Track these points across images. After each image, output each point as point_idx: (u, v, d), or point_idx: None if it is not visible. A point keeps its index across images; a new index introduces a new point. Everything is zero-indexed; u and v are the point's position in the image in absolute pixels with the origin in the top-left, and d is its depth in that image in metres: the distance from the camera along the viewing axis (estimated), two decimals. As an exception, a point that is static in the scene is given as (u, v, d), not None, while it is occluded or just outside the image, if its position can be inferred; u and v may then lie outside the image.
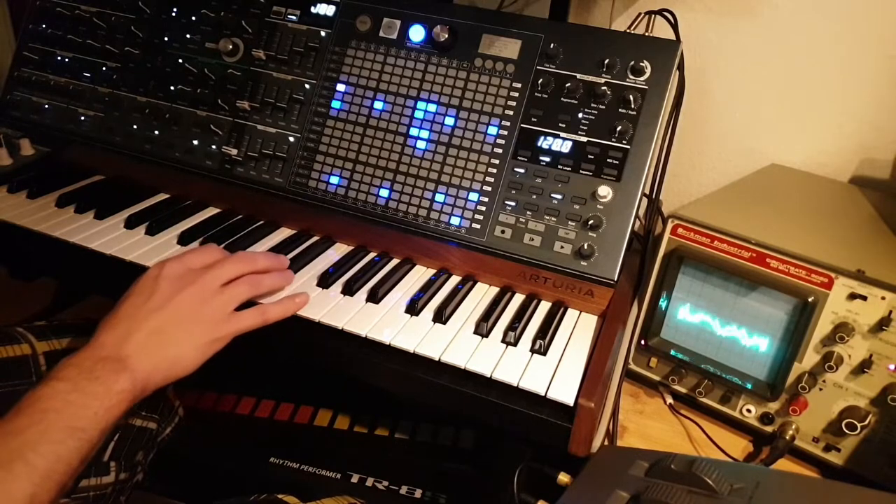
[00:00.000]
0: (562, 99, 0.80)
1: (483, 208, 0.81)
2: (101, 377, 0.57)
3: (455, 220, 0.82)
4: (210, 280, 0.68)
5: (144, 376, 0.60)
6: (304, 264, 0.80)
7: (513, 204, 0.80)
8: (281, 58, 0.90)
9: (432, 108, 0.84)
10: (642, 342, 0.79)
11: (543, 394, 0.64)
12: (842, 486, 0.54)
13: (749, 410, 0.74)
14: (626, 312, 0.76)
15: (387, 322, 0.72)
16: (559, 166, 0.80)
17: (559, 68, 0.81)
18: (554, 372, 0.66)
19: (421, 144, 0.84)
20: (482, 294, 0.79)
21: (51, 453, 0.52)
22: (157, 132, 0.95)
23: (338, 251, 0.85)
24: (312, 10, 0.90)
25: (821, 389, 0.69)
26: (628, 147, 0.78)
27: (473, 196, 0.82)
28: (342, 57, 0.88)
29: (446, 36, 0.83)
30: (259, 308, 0.70)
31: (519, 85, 0.82)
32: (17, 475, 0.50)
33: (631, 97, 0.77)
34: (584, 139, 0.79)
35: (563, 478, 0.65)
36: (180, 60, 0.95)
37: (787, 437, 0.71)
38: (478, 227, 0.81)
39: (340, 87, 0.88)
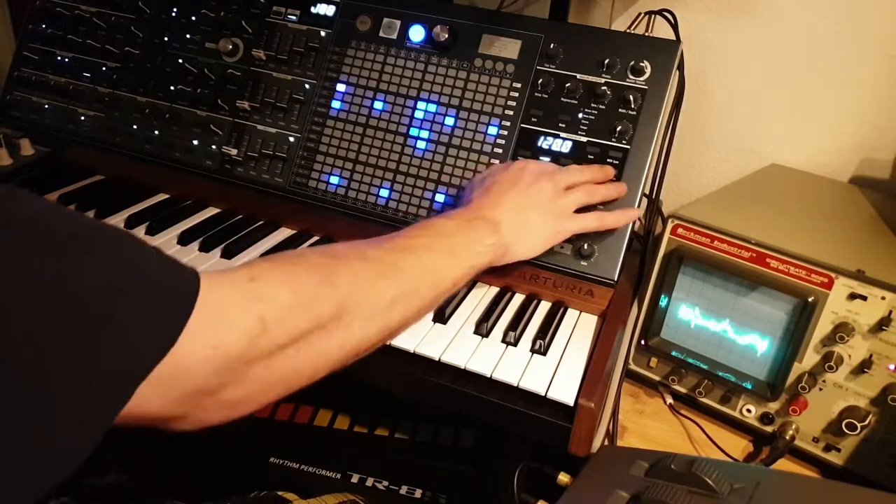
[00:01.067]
0: (562, 99, 0.80)
1: (483, 208, 0.81)
2: (477, 228, 0.68)
3: (455, 220, 0.82)
4: (560, 180, 0.75)
5: (506, 243, 0.70)
6: (304, 264, 0.80)
7: (513, 204, 0.80)
8: (281, 58, 0.90)
9: (432, 108, 0.84)
10: (642, 342, 0.79)
11: (543, 394, 0.64)
12: (842, 486, 0.55)
13: (749, 410, 0.74)
14: (626, 312, 0.76)
15: (387, 322, 0.72)
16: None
17: (559, 68, 0.81)
18: (554, 372, 0.66)
19: (421, 144, 0.84)
20: (482, 294, 0.79)
21: (436, 259, 0.62)
22: (157, 132, 0.95)
23: (338, 251, 0.85)
24: (312, 10, 0.90)
25: (821, 389, 0.69)
26: (628, 147, 0.78)
27: (473, 196, 0.82)
28: (342, 57, 0.88)
29: (446, 36, 0.83)
30: (597, 213, 0.77)
31: (519, 85, 0.82)
32: (410, 260, 0.59)
33: (631, 97, 0.77)
34: (584, 139, 0.79)
35: (563, 478, 0.65)
36: (180, 60, 0.95)
37: (787, 437, 0.70)
38: (478, 227, 0.81)
39: (340, 87, 0.88)
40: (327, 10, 0.89)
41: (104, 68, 0.98)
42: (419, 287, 0.59)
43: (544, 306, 0.78)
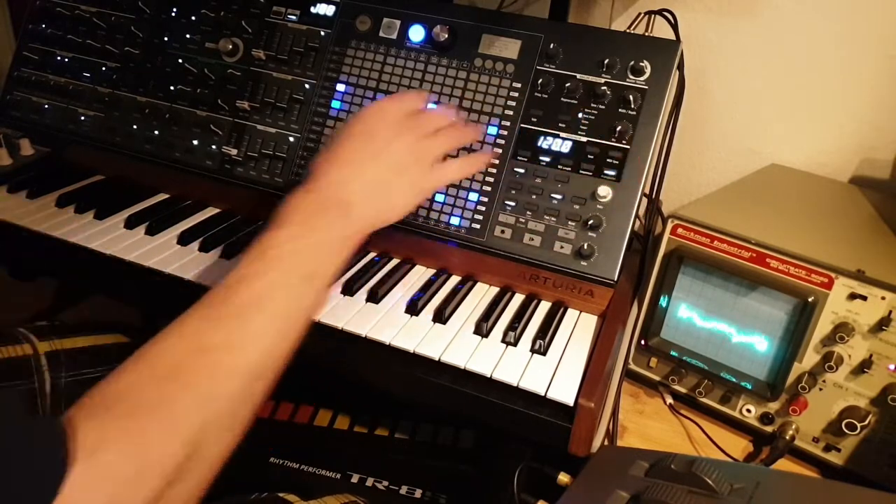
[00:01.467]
0: (562, 99, 0.80)
1: (483, 208, 0.81)
2: (333, 222, 0.58)
3: (455, 220, 0.82)
4: (425, 124, 0.68)
5: (364, 220, 0.62)
6: (304, 264, 0.80)
7: (512, 204, 0.80)
8: (281, 58, 0.90)
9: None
10: (642, 342, 0.79)
11: (543, 394, 0.64)
12: (842, 486, 0.55)
13: (749, 410, 0.74)
14: (626, 312, 0.76)
15: (387, 322, 0.72)
16: (559, 166, 0.80)
17: (559, 68, 0.81)
18: (554, 372, 0.66)
19: (421, 144, 0.84)
20: (482, 294, 0.79)
21: (285, 300, 0.52)
22: (157, 132, 0.95)
23: (338, 251, 0.85)
24: (312, 10, 0.90)
25: (821, 389, 0.69)
26: (628, 147, 0.78)
27: (473, 196, 0.82)
28: (342, 57, 0.88)
29: (446, 36, 0.83)
30: (460, 161, 0.73)
31: (519, 85, 0.82)
32: (254, 321, 0.50)
33: (631, 97, 0.77)
34: (584, 139, 0.79)
35: (563, 478, 0.65)
36: (180, 60, 0.95)
37: (787, 437, 0.71)
38: (477, 227, 0.81)
39: (340, 87, 0.88)
40: (327, 10, 0.89)
41: (104, 68, 0.98)
42: (284, 339, 0.51)
43: (544, 306, 0.78)
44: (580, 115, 0.79)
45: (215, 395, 0.46)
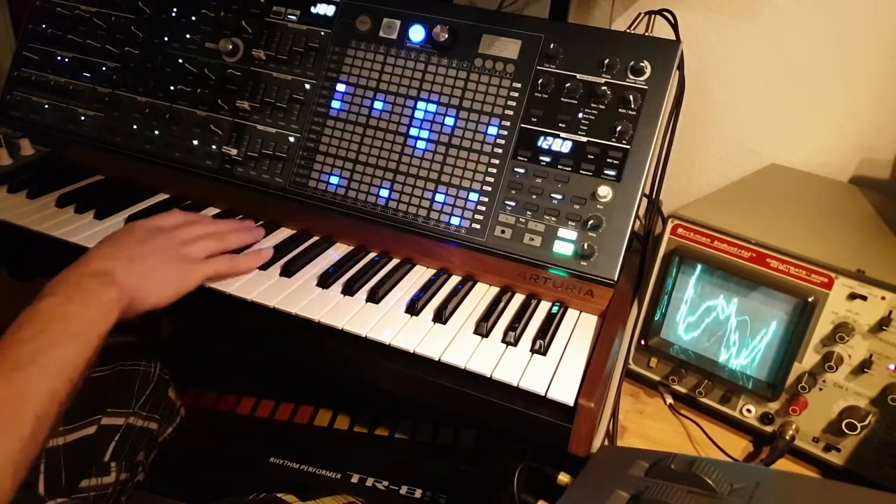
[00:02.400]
0: (562, 99, 0.80)
1: (483, 208, 0.81)
2: (89, 289, 0.62)
3: (455, 220, 0.82)
4: (180, 233, 0.74)
5: (130, 291, 0.64)
6: (304, 264, 0.80)
7: (513, 204, 0.80)
8: (281, 58, 0.90)
9: (432, 108, 0.84)
10: (642, 342, 0.79)
11: (543, 394, 0.64)
12: (842, 486, 0.54)
13: (749, 410, 0.74)
14: (626, 312, 0.76)
15: (387, 322, 0.72)
16: (559, 166, 0.80)
17: (559, 68, 0.81)
18: (554, 372, 0.66)
19: (421, 144, 0.84)
20: (482, 294, 0.79)
21: (59, 356, 0.56)
22: (157, 132, 0.95)
23: (338, 251, 0.85)
24: (312, 10, 0.90)
25: (821, 389, 0.69)
26: (628, 147, 0.78)
27: (473, 196, 0.82)
28: (342, 57, 0.88)
29: (446, 36, 0.83)
30: (229, 256, 0.76)
31: (519, 85, 0.82)
32: (34, 374, 0.54)
33: (631, 97, 0.77)
34: (584, 139, 0.79)
35: (563, 478, 0.65)
36: (180, 60, 0.95)
37: (787, 437, 0.71)
38: (478, 227, 0.81)
39: (340, 87, 0.88)
40: (327, 10, 0.89)
41: (104, 68, 0.98)
42: (52, 399, 0.54)
43: (544, 306, 0.78)
44: (580, 115, 0.79)
45: (12, 437, 0.51)
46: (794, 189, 0.96)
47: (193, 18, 0.95)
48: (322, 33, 0.89)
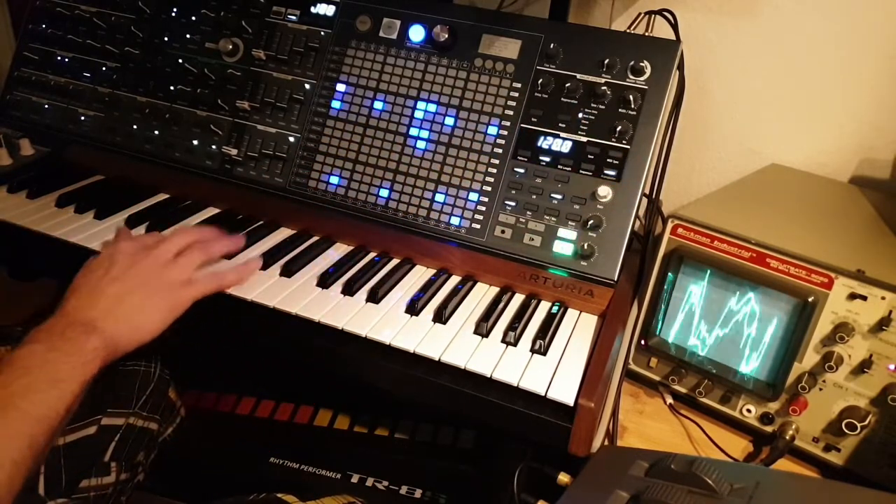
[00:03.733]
0: (562, 99, 0.80)
1: (483, 208, 0.81)
2: (72, 338, 0.61)
3: (455, 220, 0.82)
4: (163, 251, 0.72)
5: (113, 337, 0.64)
6: (304, 264, 0.80)
7: (513, 204, 0.80)
8: (281, 58, 0.90)
9: (432, 108, 0.84)
10: (642, 342, 0.79)
11: (543, 394, 0.64)
12: (842, 486, 0.55)
13: (749, 410, 0.74)
14: (626, 312, 0.76)
15: (387, 322, 0.72)
16: (559, 166, 0.80)
17: (559, 68, 0.81)
18: (554, 372, 0.66)
19: (421, 144, 0.84)
20: (482, 294, 0.79)
21: (39, 402, 0.56)
22: (157, 132, 0.95)
23: (338, 251, 0.85)
24: (312, 10, 0.90)
25: (821, 389, 0.69)
26: (628, 147, 0.78)
27: (473, 196, 0.82)
28: (342, 57, 0.88)
29: (446, 36, 0.83)
30: (214, 272, 0.74)
31: (519, 85, 0.82)
32: (13, 419, 0.53)
33: (631, 97, 0.77)
34: (584, 139, 0.79)
35: (563, 478, 0.65)
36: (180, 60, 0.95)
37: (787, 437, 0.71)
38: (478, 227, 0.81)
39: (340, 87, 0.88)
40: (327, 10, 0.89)
41: (104, 68, 0.98)
42: (30, 445, 0.53)
43: (544, 306, 0.78)
44: (580, 115, 0.79)
45: None
46: (794, 189, 0.96)
47: (193, 18, 0.95)
48: (322, 33, 0.89)
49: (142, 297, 0.67)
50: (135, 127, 0.96)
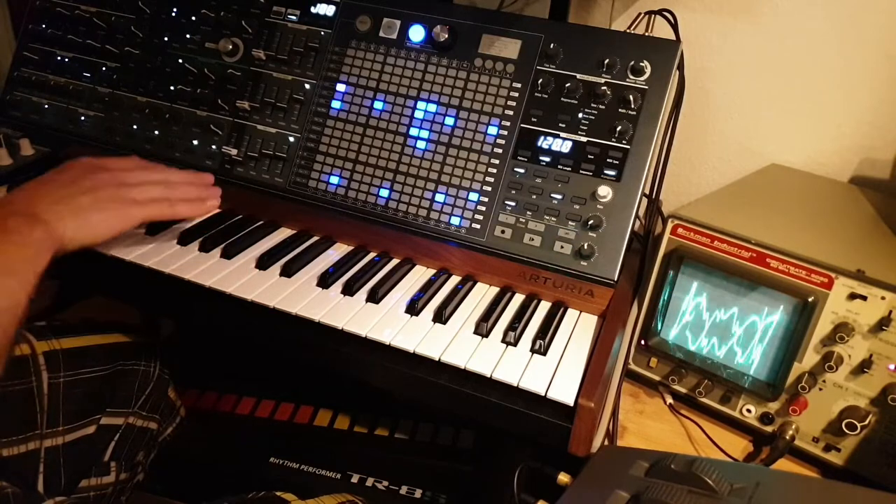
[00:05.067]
0: (562, 99, 0.80)
1: (483, 208, 0.81)
2: (15, 229, 0.60)
3: (455, 220, 0.82)
4: (123, 175, 0.73)
5: (57, 230, 0.63)
6: (304, 264, 0.80)
7: (513, 204, 0.80)
8: (281, 58, 0.90)
9: (432, 108, 0.84)
10: (642, 342, 0.79)
11: (543, 394, 0.64)
12: (842, 486, 0.54)
13: (749, 410, 0.74)
14: (626, 312, 0.76)
15: (387, 322, 0.72)
16: (559, 166, 0.80)
17: (559, 68, 0.81)
18: (554, 372, 0.66)
19: (421, 144, 0.84)
20: (482, 294, 0.79)
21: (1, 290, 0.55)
22: (157, 132, 0.95)
23: (338, 251, 0.85)
24: (312, 10, 0.90)
25: (821, 389, 0.69)
26: (628, 147, 0.78)
27: (473, 196, 0.82)
28: (342, 57, 0.88)
29: (446, 36, 0.83)
30: (169, 201, 0.74)
31: (519, 85, 0.82)
32: None
33: (631, 97, 0.77)
34: (584, 139, 0.79)
35: (563, 478, 0.65)
36: (180, 60, 0.95)
37: (787, 437, 0.71)
38: (478, 227, 0.81)
39: (340, 87, 0.88)
40: (327, 10, 0.89)
41: (104, 68, 0.98)
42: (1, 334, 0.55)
43: (544, 306, 0.78)
44: (580, 115, 0.79)
45: None
46: (794, 189, 0.96)
47: (193, 18, 0.95)
48: (322, 33, 0.89)
49: (91, 200, 0.67)
50: (135, 127, 0.96)
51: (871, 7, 0.92)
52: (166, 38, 0.96)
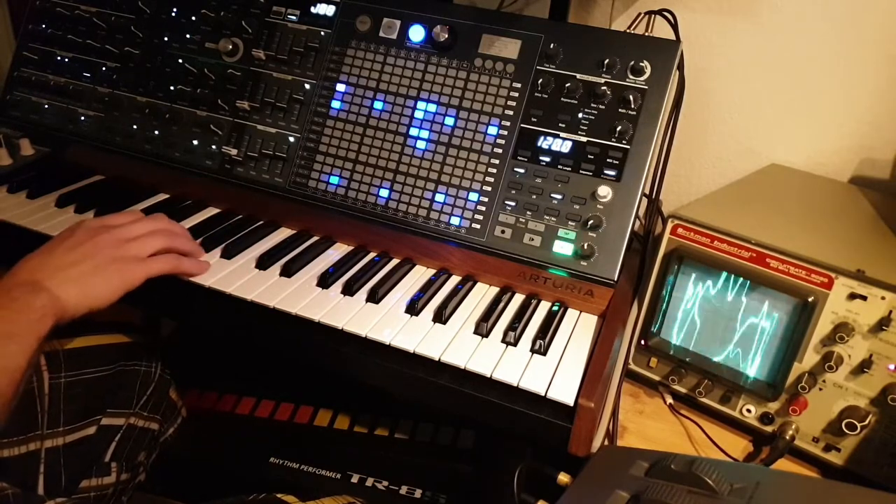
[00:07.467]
0: (562, 99, 0.80)
1: (483, 208, 0.81)
2: (19, 297, 0.62)
3: (455, 220, 0.82)
4: (125, 231, 0.73)
5: (60, 298, 0.64)
6: (304, 264, 0.80)
7: (513, 204, 0.80)
8: (281, 58, 0.90)
9: (432, 108, 0.84)
10: (642, 342, 0.79)
11: (543, 394, 0.64)
12: (842, 486, 0.54)
13: (749, 410, 0.74)
14: (626, 312, 0.76)
15: (387, 322, 0.72)
16: (559, 166, 0.80)
17: (559, 68, 0.81)
18: (554, 372, 0.66)
19: (421, 144, 0.84)
20: (482, 294, 0.79)
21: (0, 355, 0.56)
22: (157, 132, 0.95)
23: (338, 251, 0.85)
24: (312, 10, 0.90)
25: (821, 389, 0.69)
26: (628, 147, 0.78)
27: (473, 196, 0.82)
28: (342, 57, 0.88)
29: (446, 36, 0.83)
30: (174, 256, 0.74)
31: (519, 85, 0.82)
32: None
33: (631, 97, 0.77)
34: (584, 139, 0.79)
35: (563, 478, 0.65)
36: (180, 60, 0.95)
37: (787, 437, 0.71)
38: (478, 227, 0.81)
39: (340, 87, 0.88)
40: (327, 10, 0.89)
41: (104, 68, 0.98)
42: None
43: (544, 306, 0.78)
44: (580, 115, 0.79)
45: None
46: (794, 189, 0.96)
47: (193, 18, 0.95)
48: (322, 33, 0.89)
49: (92, 266, 0.68)
50: (135, 127, 0.96)
51: (871, 7, 0.92)
52: (166, 38, 0.96)
